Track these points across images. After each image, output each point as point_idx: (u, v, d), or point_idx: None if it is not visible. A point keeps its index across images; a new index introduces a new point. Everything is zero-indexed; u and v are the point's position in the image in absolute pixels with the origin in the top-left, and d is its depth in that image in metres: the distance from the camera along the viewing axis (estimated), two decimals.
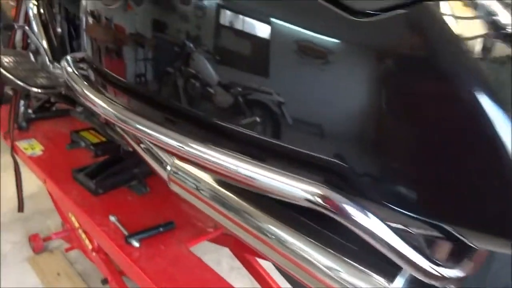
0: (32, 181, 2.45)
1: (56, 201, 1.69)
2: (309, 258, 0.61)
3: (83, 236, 1.49)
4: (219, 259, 2.07)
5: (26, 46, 1.61)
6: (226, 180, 0.69)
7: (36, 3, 1.49)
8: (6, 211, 2.31)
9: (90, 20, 0.79)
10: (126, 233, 1.18)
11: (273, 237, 0.65)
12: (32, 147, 1.68)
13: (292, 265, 0.64)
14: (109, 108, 0.73)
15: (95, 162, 1.53)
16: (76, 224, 1.52)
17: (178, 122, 0.69)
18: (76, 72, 0.81)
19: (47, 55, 1.36)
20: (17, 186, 1.82)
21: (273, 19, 0.52)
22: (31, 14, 1.46)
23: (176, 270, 1.09)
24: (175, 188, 0.80)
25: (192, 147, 0.65)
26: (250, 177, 0.58)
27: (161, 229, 1.22)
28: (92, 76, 0.82)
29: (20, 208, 1.86)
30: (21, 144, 1.70)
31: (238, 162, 0.60)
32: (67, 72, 0.83)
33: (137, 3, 0.67)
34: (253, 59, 0.56)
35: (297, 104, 0.54)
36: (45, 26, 1.47)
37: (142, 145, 0.85)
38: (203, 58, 0.60)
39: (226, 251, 1.68)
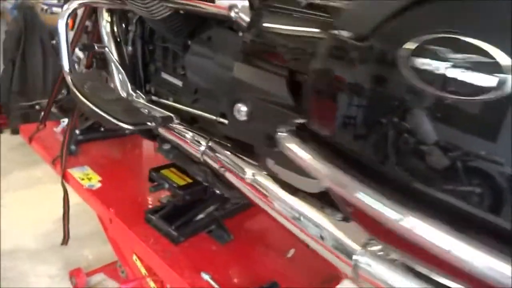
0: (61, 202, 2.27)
1: (115, 241, 1.50)
2: None
3: (153, 285, 1.32)
4: None
5: (90, 65, 1.43)
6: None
7: (109, 20, 1.31)
8: (38, 236, 2.12)
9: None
10: None
11: None
12: (87, 176, 1.50)
13: None
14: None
15: (165, 200, 1.37)
16: (143, 271, 1.35)
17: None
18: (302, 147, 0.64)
19: (129, 83, 1.18)
20: (64, 217, 1.64)
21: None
22: (104, 33, 1.28)
23: None
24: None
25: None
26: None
27: None
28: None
29: (65, 241, 1.68)
30: (75, 173, 1.52)
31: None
32: (287, 147, 0.67)
33: None
34: (481, 121, 0.47)
35: None
36: (118, 46, 1.30)
37: None
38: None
39: None
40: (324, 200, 0.77)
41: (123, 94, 1.20)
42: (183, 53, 1.16)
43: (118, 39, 1.32)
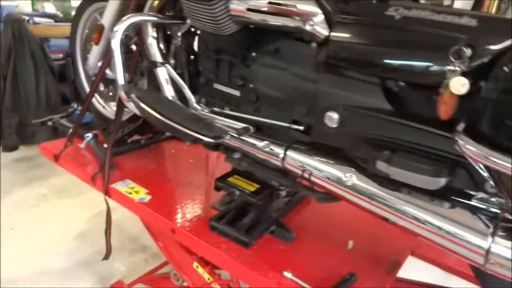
0: (75, 217, 2.26)
1: (169, 251, 1.51)
2: None
3: None
4: None
5: (131, 80, 1.43)
6: None
7: (155, 35, 1.32)
8: (62, 254, 2.08)
9: None
10: None
11: None
12: (133, 190, 1.50)
13: None
14: None
15: (219, 206, 1.42)
16: (207, 277, 1.39)
17: None
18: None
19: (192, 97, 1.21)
20: (107, 232, 1.63)
21: None
22: (153, 48, 1.29)
23: None
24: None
25: None
26: None
27: (347, 282, 1.13)
28: None
29: (107, 256, 1.67)
30: (120, 188, 1.51)
31: None
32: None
33: None
34: None
35: None
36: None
37: None
38: None
39: None
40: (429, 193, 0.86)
41: (190, 108, 1.22)
42: (243, 64, 1.20)
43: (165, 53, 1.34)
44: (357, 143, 0.94)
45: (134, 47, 1.44)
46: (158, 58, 1.28)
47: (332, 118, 0.96)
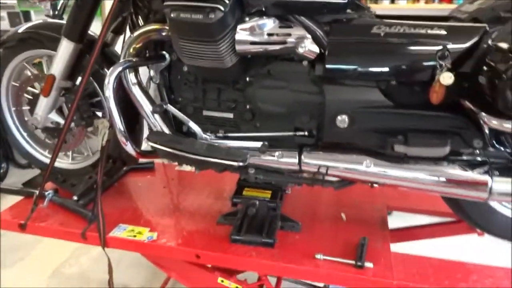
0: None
1: (188, 278, 1.55)
2: None
3: None
4: None
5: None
6: None
7: (136, 80, 1.34)
8: None
9: None
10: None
11: None
12: (136, 232, 1.50)
13: None
14: None
15: (223, 220, 1.52)
16: (234, 286, 1.49)
17: None
18: None
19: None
20: (109, 283, 1.58)
21: None
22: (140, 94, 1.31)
23: None
24: None
25: None
26: None
27: (364, 246, 1.38)
28: None
29: None
30: (120, 234, 1.49)
31: None
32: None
33: None
34: None
35: None
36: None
37: None
38: None
39: None
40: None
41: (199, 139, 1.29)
42: (234, 88, 1.32)
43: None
44: (368, 135, 1.18)
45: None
46: (149, 103, 1.31)
47: (343, 120, 1.17)
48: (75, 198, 1.65)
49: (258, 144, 1.29)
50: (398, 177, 1.16)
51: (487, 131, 1.00)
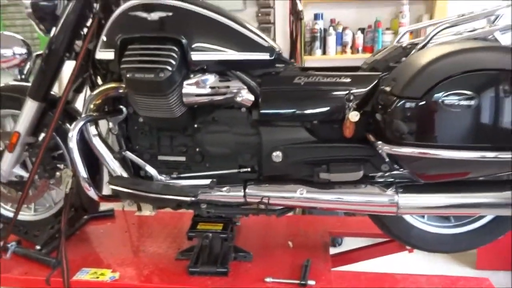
0: None
1: None
2: None
3: None
4: None
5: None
6: None
7: (96, 132, 1.51)
8: None
9: None
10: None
11: None
12: (98, 274, 1.59)
13: None
14: None
15: (181, 256, 1.65)
16: None
17: None
18: None
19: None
20: None
21: None
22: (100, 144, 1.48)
23: None
24: None
25: None
26: None
27: (308, 266, 1.55)
28: None
29: None
30: (84, 277, 1.58)
31: None
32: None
33: None
34: None
35: None
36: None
37: None
38: None
39: None
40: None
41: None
42: (185, 135, 1.52)
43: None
44: (299, 167, 1.40)
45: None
46: (109, 151, 1.48)
47: (277, 155, 1.39)
48: (38, 247, 1.74)
49: (208, 181, 1.48)
50: (326, 200, 1.37)
51: (385, 156, 1.25)
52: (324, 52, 3.33)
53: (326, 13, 3.39)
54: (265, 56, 1.40)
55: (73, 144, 1.39)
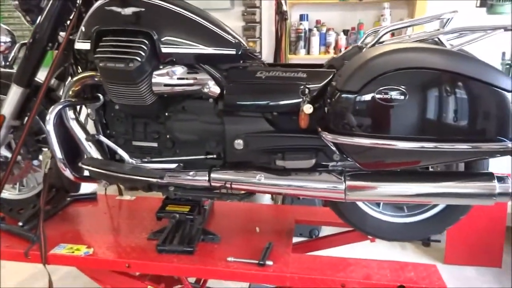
0: None
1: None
2: None
3: None
4: None
5: None
6: None
7: (74, 116, 1.63)
8: None
9: None
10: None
11: None
12: (74, 249, 1.71)
13: None
14: None
15: (153, 236, 1.77)
16: None
17: None
18: None
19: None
20: None
21: None
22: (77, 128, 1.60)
23: None
24: None
25: None
26: None
27: (269, 248, 1.67)
28: None
29: None
30: (60, 251, 1.70)
31: None
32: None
33: None
34: None
35: None
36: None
37: None
38: None
39: None
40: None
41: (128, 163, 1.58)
42: (157, 122, 1.64)
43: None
44: (258, 154, 1.51)
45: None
46: (83, 133, 1.60)
47: (239, 143, 1.51)
48: (20, 224, 1.86)
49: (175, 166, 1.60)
50: (282, 185, 1.48)
51: (331, 146, 1.35)
52: (308, 52, 3.44)
53: (312, 14, 3.50)
54: (231, 51, 1.51)
55: (50, 126, 1.51)
